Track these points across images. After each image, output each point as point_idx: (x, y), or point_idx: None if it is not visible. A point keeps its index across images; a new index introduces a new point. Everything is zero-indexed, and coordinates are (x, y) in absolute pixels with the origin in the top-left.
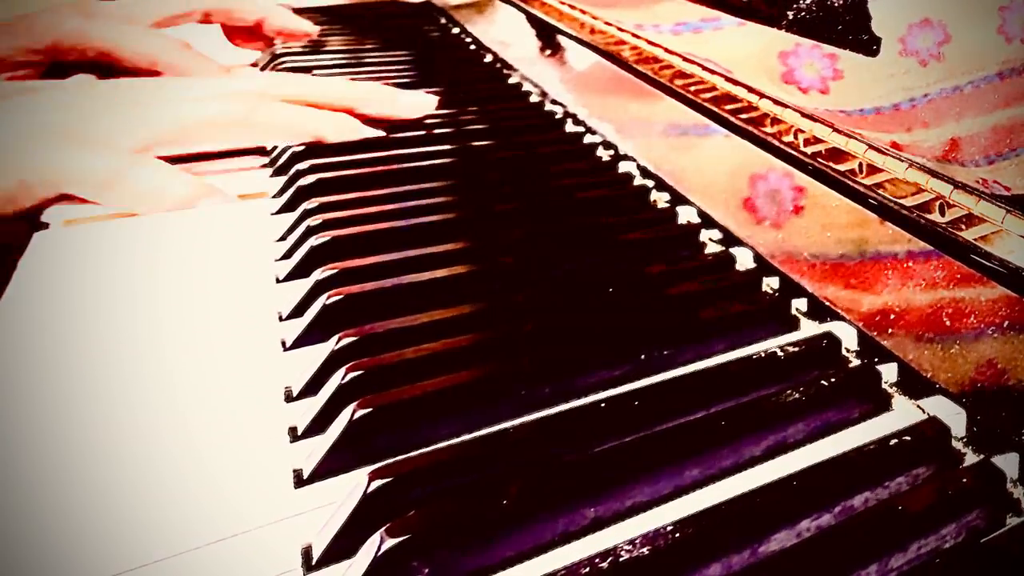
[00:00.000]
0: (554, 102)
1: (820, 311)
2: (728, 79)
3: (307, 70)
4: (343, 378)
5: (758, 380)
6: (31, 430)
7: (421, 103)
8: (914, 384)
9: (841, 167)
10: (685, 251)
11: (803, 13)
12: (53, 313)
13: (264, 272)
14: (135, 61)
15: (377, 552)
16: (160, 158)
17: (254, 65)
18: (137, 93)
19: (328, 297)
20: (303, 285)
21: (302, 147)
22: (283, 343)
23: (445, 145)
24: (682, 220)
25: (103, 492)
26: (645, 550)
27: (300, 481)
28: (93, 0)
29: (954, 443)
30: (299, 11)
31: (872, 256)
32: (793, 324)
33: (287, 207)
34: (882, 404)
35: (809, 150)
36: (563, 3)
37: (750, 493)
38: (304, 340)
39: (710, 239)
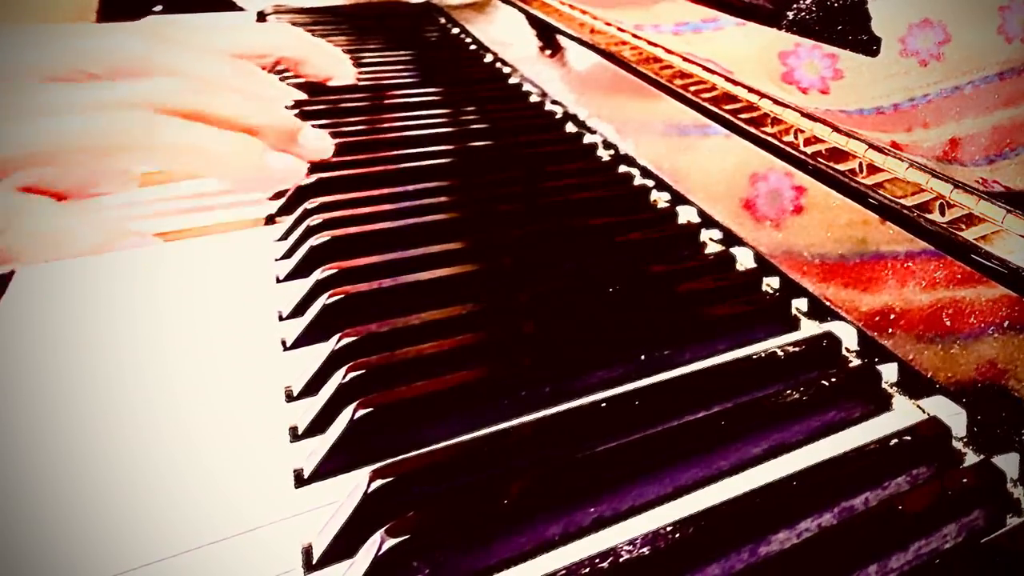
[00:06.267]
0: (554, 102)
1: (820, 311)
2: (728, 79)
3: None
4: (343, 378)
5: (758, 380)
6: (32, 430)
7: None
8: (914, 384)
9: (841, 167)
10: (685, 251)
11: (803, 13)
12: (53, 313)
13: (264, 272)
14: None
15: (378, 552)
16: None
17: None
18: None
19: (328, 297)
20: (303, 285)
21: None
22: (283, 343)
23: (445, 145)
24: (682, 220)
25: (103, 492)
26: (645, 550)
27: (300, 481)
28: (168, 24)
29: (954, 443)
30: (299, 11)
31: (872, 256)
32: (793, 324)
33: (287, 207)
34: (882, 404)
35: (809, 150)
36: (563, 3)
37: (750, 493)
38: (304, 340)
39: (710, 239)
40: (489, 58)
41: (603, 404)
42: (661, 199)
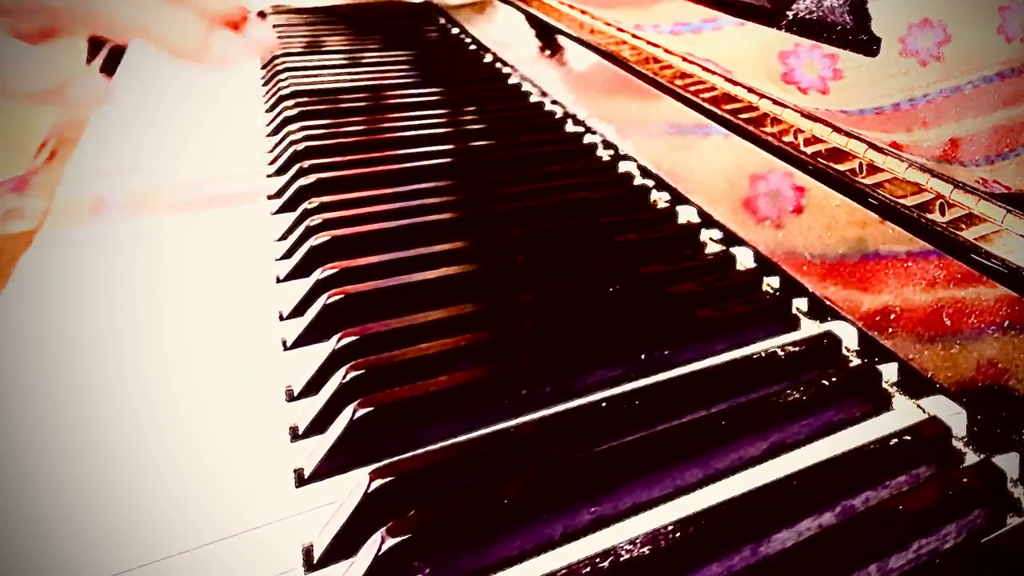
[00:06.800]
0: (554, 102)
1: (821, 310)
2: (728, 79)
3: (307, 70)
4: (344, 377)
5: (759, 380)
6: (31, 430)
7: None
8: (914, 384)
9: (841, 167)
10: (685, 251)
11: (803, 13)
12: (53, 312)
13: (264, 271)
14: None
15: (378, 552)
16: None
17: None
18: None
19: (328, 296)
20: (303, 285)
21: (302, 147)
22: (284, 343)
23: (445, 145)
24: (682, 220)
25: (103, 492)
26: (645, 550)
27: (301, 480)
28: None
29: (954, 443)
30: (299, 11)
31: (872, 256)
32: (794, 323)
33: (287, 207)
34: (882, 404)
35: (809, 150)
36: (563, 3)
37: (750, 493)
38: (305, 339)
39: (710, 239)
40: (489, 58)
41: (603, 404)
42: (661, 199)
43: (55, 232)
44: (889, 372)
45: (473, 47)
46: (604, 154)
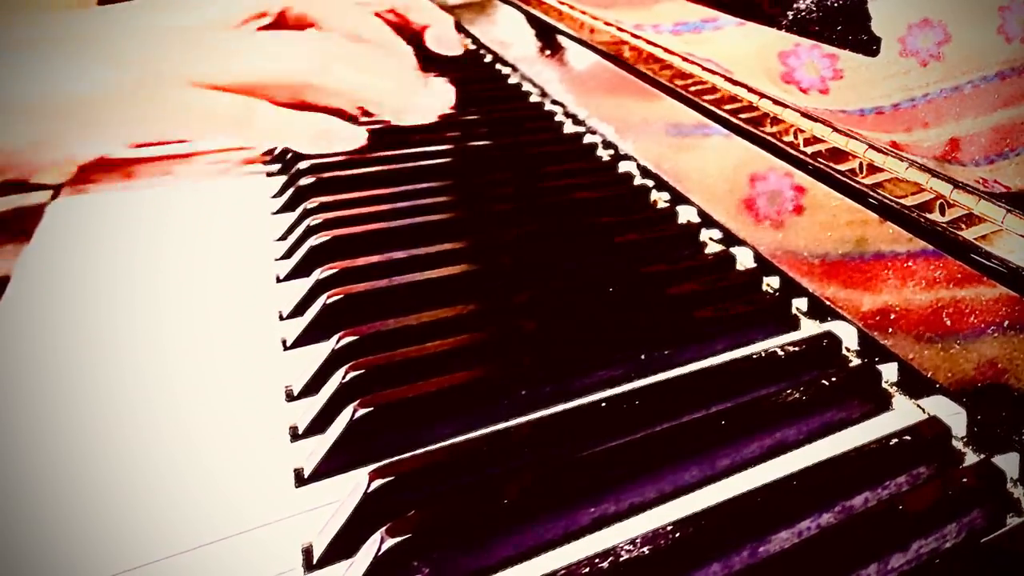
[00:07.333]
0: (554, 102)
1: (820, 310)
2: (728, 79)
3: None
4: (344, 377)
5: (758, 380)
6: (31, 430)
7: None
8: (914, 384)
9: (841, 167)
10: (685, 251)
11: (803, 13)
12: (52, 313)
13: (264, 271)
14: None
15: (378, 552)
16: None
17: None
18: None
19: (328, 296)
20: (303, 284)
21: None
22: (283, 342)
23: (445, 145)
24: (682, 220)
25: (103, 492)
26: (645, 550)
27: (301, 480)
28: None
29: (954, 443)
30: None
31: (872, 256)
32: (793, 323)
33: (287, 206)
34: (882, 404)
35: (809, 150)
36: (563, 3)
37: (750, 493)
38: (305, 339)
39: (710, 239)
40: (489, 58)
41: (603, 404)
42: (661, 199)
43: (53, 230)
44: (889, 372)
45: (473, 47)
46: (604, 154)
